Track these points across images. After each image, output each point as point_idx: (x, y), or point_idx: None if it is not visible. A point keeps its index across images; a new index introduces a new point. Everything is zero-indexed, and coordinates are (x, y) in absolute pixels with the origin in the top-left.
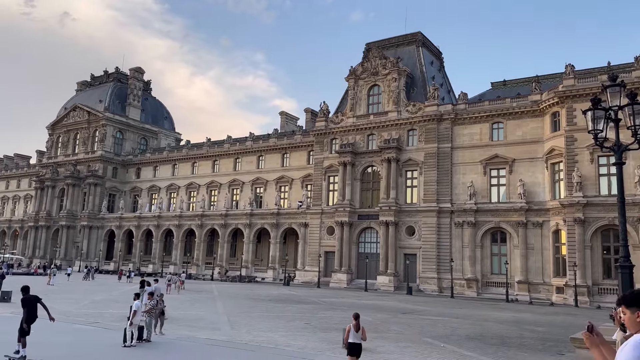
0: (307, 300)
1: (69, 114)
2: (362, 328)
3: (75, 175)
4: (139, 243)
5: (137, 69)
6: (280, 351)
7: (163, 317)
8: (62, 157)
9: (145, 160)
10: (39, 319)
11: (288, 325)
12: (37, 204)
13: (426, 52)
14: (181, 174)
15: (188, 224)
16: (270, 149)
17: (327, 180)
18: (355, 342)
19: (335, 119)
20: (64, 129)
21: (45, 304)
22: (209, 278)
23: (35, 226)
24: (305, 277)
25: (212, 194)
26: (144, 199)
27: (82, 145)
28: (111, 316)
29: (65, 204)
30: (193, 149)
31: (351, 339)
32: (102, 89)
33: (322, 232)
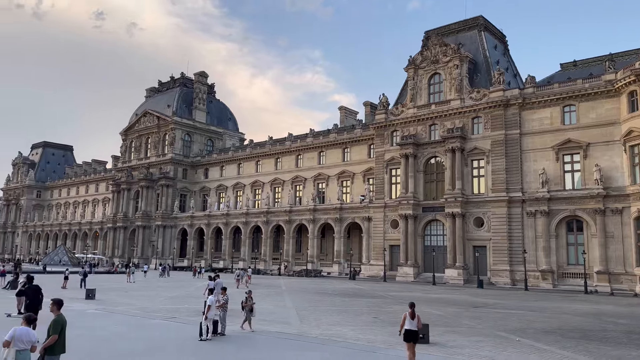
0: (373, 294)
1: (140, 119)
2: (418, 316)
3: (149, 177)
4: (209, 240)
5: (201, 73)
6: (349, 345)
7: (251, 314)
8: (135, 161)
9: (212, 161)
10: (122, 314)
11: (356, 320)
12: (115, 206)
13: (489, 36)
14: (246, 172)
15: (254, 221)
16: (331, 144)
17: (389, 173)
18: (412, 329)
19: (395, 111)
20: (136, 134)
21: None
22: (276, 273)
23: (113, 227)
24: (370, 271)
25: (276, 191)
26: (212, 198)
27: (154, 149)
28: (187, 311)
29: (140, 205)
30: (256, 148)
31: (407, 326)
32: (169, 94)
33: (386, 226)
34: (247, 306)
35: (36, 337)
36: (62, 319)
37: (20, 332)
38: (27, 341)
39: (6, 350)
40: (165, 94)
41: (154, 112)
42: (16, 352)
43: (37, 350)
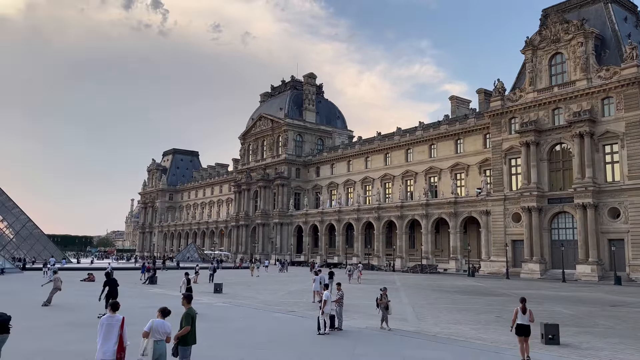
0: (495, 292)
1: (256, 123)
2: (529, 311)
3: (265, 178)
4: (323, 237)
5: (310, 75)
6: (470, 344)
7: (387, 312)
8: (253, 163)
9: (323, 160)
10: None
11: (477, 318)
12: (237, 205)
13: (617, 7)
14: (356, 169)
15: (366, 217)
16: (442, 136)
17: (508, 164)
18: (523, 323)
19: (512, 97)
20: (252, 137)
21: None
22: (389, 269)
23: (236, 225)
24: (491, 267)
25: (387, 187)
26: (324, 196)
27: (269, 150)
28: (305, 305)
29: (259, 204)
30: (365, 145)
31: (519, 321)
32: (281, 98)
33: (507, 220)
34: (382, 304)
35: (170, 328)
36: (193, 311)
37: (157, 323)
38: (162, 332)
39: (145, 340)
40: (277, 98)
41: (267, 115)
42: (154, 342)
43: (172, 341)
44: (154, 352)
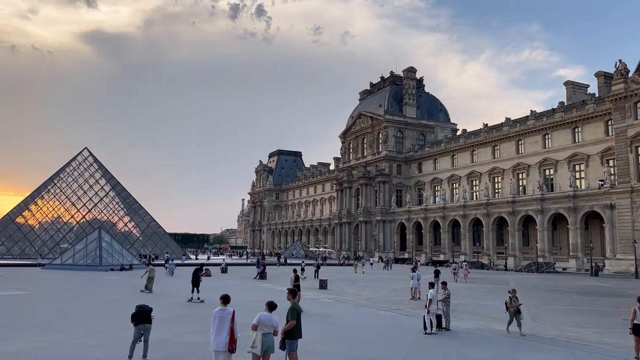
0: (622, 293)
1: (356, 121)
2: None
3: (366, 175)
4: (427, 234)
5: (409, 69)
6: (593, 349)
7: (520, 316)
8: (354, 161)
9: (425, 155)
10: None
11: (601, 321)
12: (339, 203)
13: None
14: (460, 163)
15: (473, 214)
16: (557, 124)
17: (635, 152)
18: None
19: (637, 79)
20: (352, 135)
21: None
22: (501, 268)
23: (339, 223)
24: (617, 266)
25: (495, 181)
26: (427, 192)
27: (369, 148)
28: (410, 303)
29: (360, 202)
30: (470, 138)
31: (637, 321)
32: (380, 95)
33: (635, 214)
34: (513, 307)
35: (277, 322)
36: (298, 306)
37: (264, 317)
38: (270, 325)
39: (254, 333)
40: (376, 95)
41: (367, 113)
42: (262, 335)
43: (279, 334)
44: (263, 344)
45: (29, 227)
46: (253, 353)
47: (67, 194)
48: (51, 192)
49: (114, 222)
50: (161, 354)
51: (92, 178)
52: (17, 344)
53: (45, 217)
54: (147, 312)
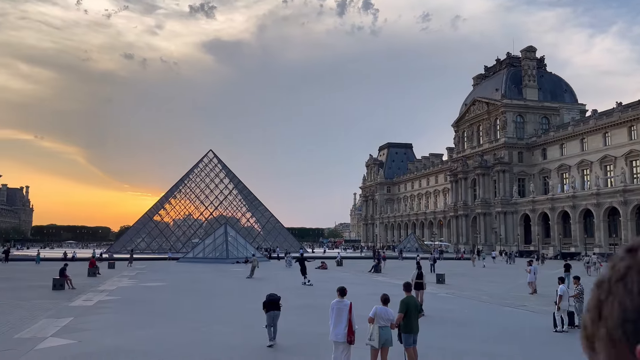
0: None
1: (469, 109)
2: None
3: (483, 165)
4: (555, 225)
5: (529, 49)
6: None
7: None
8: (469, 150)
9: (550, 140)
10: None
11: None
12: (454, 195)
13: None
14: (591, 147)
15: (608, 202)
16: None
17: None
18: None
19: None
20: (466, 123)
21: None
22: None
23: (455, 215)
24: None
25: (633, 165)
26: (554, 180)
27: (485, 135)
28: (537, 299)
29: (478, 193)
30: (602, 119)
31: None
32: (496, 78)
33: None
34: None
35: (393, 315)
36: (409, 300)
37: (380, 310)
38: (386, 319)
39: (371, 326)
40: (492, 79)
41: (482, 99)
42: (379, 328)
43: (394, 327)
44: (380, 337)
45: (165, 225)
46: (371, 346)
47: (195, 193)
48: (182, 192)
49: (237, 218)
50: (286, 342)
51: (217, 178)
52: (160, 329)
53: (177, 215)
54: (276, 300)
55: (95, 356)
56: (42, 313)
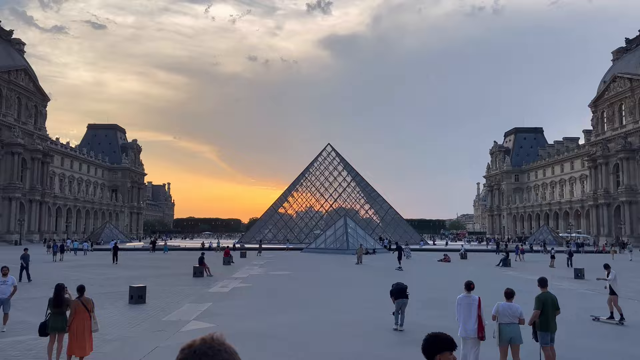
0: None
1: (609, 86)
2: None
3: (627, 148)
4: None
5: None
6: None
7: None
8: (609, 132)
9: None
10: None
11: None
12: (593, 182)
13: None
14: None
15: None
16: None
17: None
18: None
19: None
20: (606, 103)
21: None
22: None
23: (594, 205)
24: None
25: None
26: None
27: (629, 115)
28: None
29: (621, 179)
30: None
31: None
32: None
33: None
34: None
35: (520, 310)
36: (545, 296)
37: (502, 306)
38: (511, 315)
39: (495, 323)
40: (635, 52)
41: (624, 74)
42: (501, 325)
43: (526, 324)
44: (503, 334)
45: (288, 217)
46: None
47: (316, 186)
48: (303, 185)
49: (356, 210)
50: (412, 336)
51: (335, 170)
52: (290, 315)
53: (300, 207)
54: (403, 288)
55: (232, 339)
56: (184, 298)
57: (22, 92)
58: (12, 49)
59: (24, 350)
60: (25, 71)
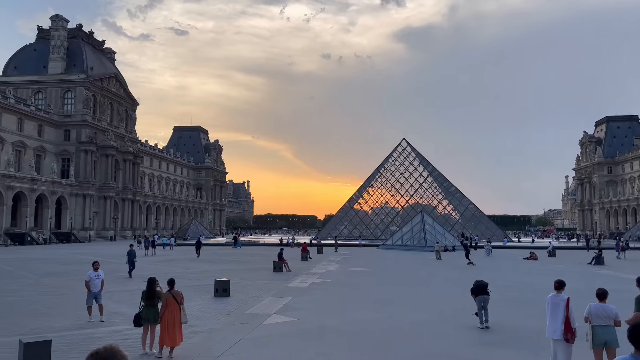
0: None
1: None
2: None
3: None
4: None
5: None
6: None
7: None
8: None
9: None
10: None
11: None
12: None
13: None
14: None
15: None
16: None
17: None
18: None
19: None
20: None
21: None
22: None
23: None
24: None
25: None
26: None
27: None
28: None
29: None
30: None
31: None
32: None
33: None
34: None
35: (615, 311)
36: None
37: (594, 307)
38: (604, 316)
39: (587, 325)
40: None
41: None
42: (594, 327)
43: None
44: (596, 337)
45: (364, 213)
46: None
47: (391, 182)
48: (378, 181)
49: (434, 206)
50: (497, 336)
51: (411, 166)
52: (367, 313)
53: (375, 204)
54: (484, 285)
55: (311, 333)
56: (266, 292)
57: (113, 98)
58: (104, 57)
59: (120, 340)
60: (116, 78)
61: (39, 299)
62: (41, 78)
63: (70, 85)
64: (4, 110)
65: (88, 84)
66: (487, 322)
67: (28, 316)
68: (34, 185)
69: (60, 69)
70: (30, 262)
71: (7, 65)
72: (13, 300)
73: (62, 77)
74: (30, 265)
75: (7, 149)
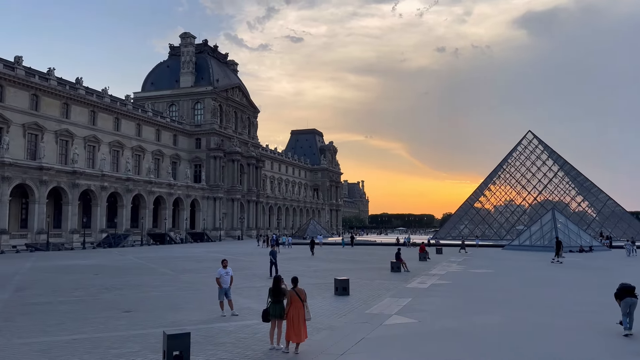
0: None
1: None
2: None
3: None
4: None
5: None
6: None
7: None
8: None
9: None
10: None
11: None
12: None
13: None
14: None
15: None
16: None
17: None
18: None
19: None
20: None
21: None
22: None
23: None
24: None
25: None
26: None
27: None
28: None
29: None
30: None
31: None
32: None
33: None
34: None
35: None
36: None
37: None
38: None
39: None
40: None
41: None
42: None
43: None
44: None
45: (486, 211)
46: None
47: (516, 178)
48: (501, 177)
49: (566, 203)
50: None
51: (538, 160)
52: (493, 316)
53: (498, 201)
54: (631, 288)
55: (434, 336)
56: (385, 292)
57: (237, 107)
58: (228, 69)
59: (250, 334)
60: (239, 88)
61: (177, 294)
62: (174, 92)
63: (199, 97)
64: (144, 122)
65: (215, 95)
66: (631, 330)
67: (169, 310)
68: (171, 190)
69: (190, 83)
70: (169, 260)
71: (145, 82)
72: (156, 295)
73: (192, 90)
74: (170, 262)
75: (148, 158)
